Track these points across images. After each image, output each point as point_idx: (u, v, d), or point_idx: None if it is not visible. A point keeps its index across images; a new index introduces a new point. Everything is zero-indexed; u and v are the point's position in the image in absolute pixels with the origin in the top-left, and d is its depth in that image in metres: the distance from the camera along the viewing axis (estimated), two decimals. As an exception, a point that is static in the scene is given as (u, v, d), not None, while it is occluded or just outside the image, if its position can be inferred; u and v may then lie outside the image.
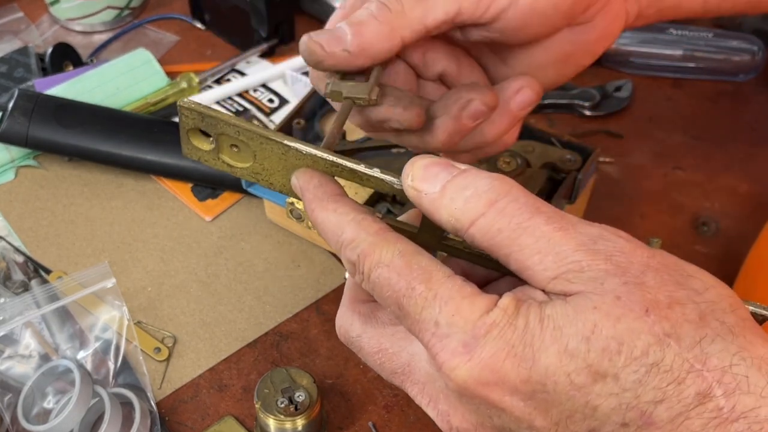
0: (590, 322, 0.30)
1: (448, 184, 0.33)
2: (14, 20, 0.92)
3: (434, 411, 0.35)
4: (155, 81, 0.81)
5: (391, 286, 0.33)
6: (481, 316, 0.31)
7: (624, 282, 0.30)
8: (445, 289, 0.32)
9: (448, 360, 0.31)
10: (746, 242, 0.62)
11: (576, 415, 0.30)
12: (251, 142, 0.38)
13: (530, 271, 0.32)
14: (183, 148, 0.40)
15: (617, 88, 0.81)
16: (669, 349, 0.29)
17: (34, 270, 0.67)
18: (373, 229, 0.34)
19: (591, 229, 0.32)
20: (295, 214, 0.63)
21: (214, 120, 0.38)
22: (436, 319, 0.32)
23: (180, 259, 0.68)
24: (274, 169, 0.39)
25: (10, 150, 0.75)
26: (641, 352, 0.29)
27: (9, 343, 0.60)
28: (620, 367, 0.29)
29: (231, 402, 0.59)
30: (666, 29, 0.83)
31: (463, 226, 0.33)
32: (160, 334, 0.63)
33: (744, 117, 0.80)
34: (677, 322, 0.29)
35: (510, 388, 0.31)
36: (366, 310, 0.38)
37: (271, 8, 0.83)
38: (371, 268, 0.34)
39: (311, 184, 0.37)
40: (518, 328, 0.30)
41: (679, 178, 0.74)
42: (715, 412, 0.29)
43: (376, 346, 0.37)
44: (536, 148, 0.64)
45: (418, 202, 0.34)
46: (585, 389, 0.30)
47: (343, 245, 0.35)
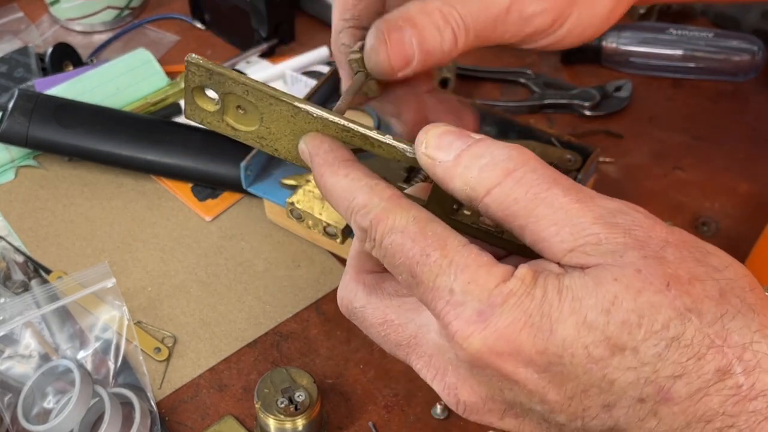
0: (611, 294, 0.29)
1: (463, 152, 0.33)
2: (14, 20, 0.92)
3: (441, 384, 0.34)
4: (155, 81, 0.81)
5: (404, 252, 0.32)
6: (497, 285, 0.30)
7: (644, 256, 0.30)
8: (461, 257, 0.31)
9: (462, 328, 0.30)
10: (746, 242, 0.62)
11: (591, 390, 0.30)
12: (259, 102, 0.37)
13: (546, 243, 0.31)
14: (186, 109, 0.39)
15: (617, 88, 0.81)
16: (690, 324, 0.29)
17: (34, 270, 0.67)
18: (386, 195, 0.34)
19: (610, 203, 0.31)
20: (295, 214, 0.63)
21: (222, 77, 0.36)
22: (450, 287, 0.31)
23: (180, 259, 0.68)
24: (280, 133, 0.38)
25: (10, 150, 0.75)
26: (662, 326, 0.29)
27: (9, 343, 0.60)
28: (640, 340, 0.29)
29: (231, 402, 0.59)
30: (666, 29, 0.83)
31: (478, 195, 0.32)
32: (160, 334, 0.63)
33: (744, 117, 0.80)
34: (698, 298, 0.29)
35: (525, 359, 0.30)
36: (371, 280, 0.37)
37: (271, 8, 0.83)
38: (384, 233, 0.33)
39: (321, 149, 0.36)
40: (536, 298, 0.30)
41: (679, 178, 0.74)
42: (735, 389, 0.28)
43: (381, 317, 0.36)
44: (536, 148, 0.64)
45: (431, 170, 0.34)
46: (603, 362, 0.29)
47: (354, 211, 0.34)
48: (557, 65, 0.85)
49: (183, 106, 0.39)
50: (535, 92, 0.81)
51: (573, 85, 0.81)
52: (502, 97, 0.82)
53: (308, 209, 0.61)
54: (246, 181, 0.67)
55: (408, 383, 0.59)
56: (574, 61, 0.85)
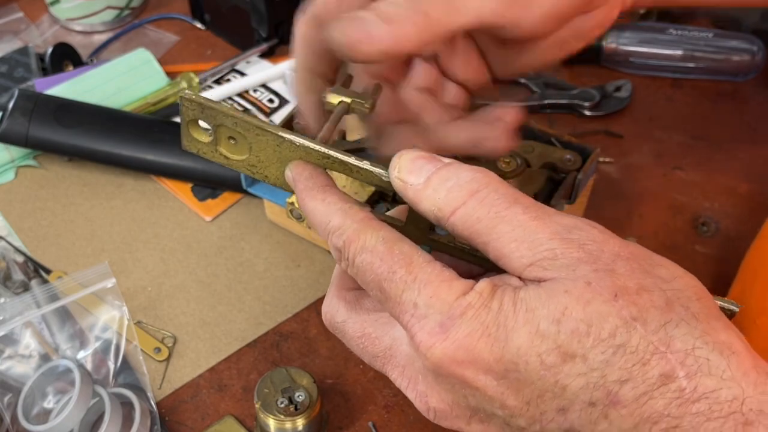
0: (561, 304, 0.31)
1: (432, 175, 0.35)
2: (14, 20, 0.92)
3: (413, 393, 0.36)
4: (155, 81, 0.81)
5: (373, 270, 0.34)
6: (457, 299, 0.32)
7: (595, 269, 0.31)
8: (425, 273, 0.33)
9: (425, 340, 0.32)
10: (746, 242, 0.62)
11: (546, 395, 0.31)
12: (247, 133, 0.39)
13: (507, 258, 0.33)
14: (183, 140, 0.41)
15: (617, 88, 0.81)
16: (635, 332, 0.30)
17: (34, 270, 0.67)
18: (358, 217, 0.36)
19: (566, 219, 0.33)
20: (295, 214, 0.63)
21: (213, 111, 0.39)
22: (414, 301, 0.33)
23: (180, 259, 0.68)
24: (269, 161, 0.40)
25: (10, 150, 0.75)
26: (609, 334, 0.30)
27: (9, 343, 0.60)
28: (588, 347, 0.30)
29: (231, 402, 0.59)
30: (666, 29, 0.83)
31: (444, 215, 0.34)
32: (160, 334, 0.63)
33: (744, 117, 0.80)
34: (644, 307, 0.31)
35: (483, 367, 0.32)
36: (351, 297, 0.39)
37: (271, 8, 0.83)
38: (355, 253, 0.35)
39: (302, 176, 0.39)
40: (492, 310, 0.32)
41: (679, 178, 0.74)
42: (678, 393, 0.30)
43: (359, 331, 0.38)
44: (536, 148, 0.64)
45: (403, 193, 0.36)
46: (555, 369, 0.31)
47: (330, 232, 0.36)
48: (557, 65, 0.85)
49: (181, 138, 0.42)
50: (535, 92, 0.81)
51: (573, 85, 0.81)
52: (502, 98, 0.82)
53: (308, 209, 0.61)
54: (246, 181, 0.67)
55: (408, 383, 0.59)
56: (574, 61, 0.84)
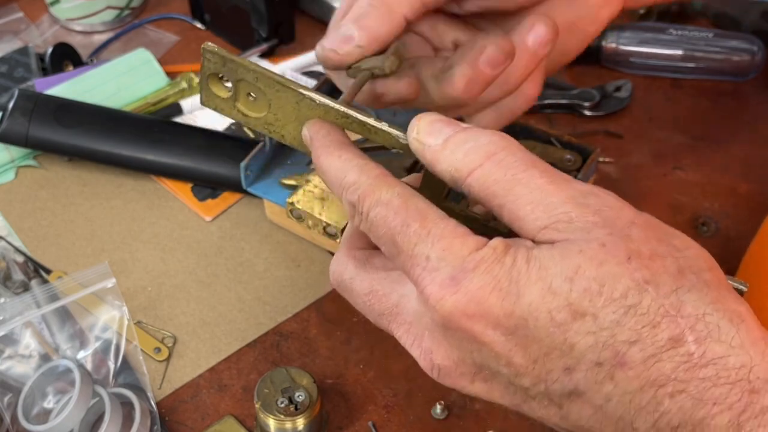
0: (574, 263, 0.31)
1: (450, 137, 0.35)
2: (14, 20, 0.92)
3: (418, 350, 0.36)
4: (155, 81, 0.81)
5: (387, 223, 0.35)
6: (470, 253, 0.32)
7: (609, 233, 0.32)
8: (438, 228, 0.34)
9: (436, 292, 0.33)
10: (746, 242, 0.62)
11: (554, 353, 0.31)
12: (268, 89, 0.39)
13: (522, 221, 0.33)
14: (201, 95, 0.42)
15: (617, 88, 0.81)
16: (647, 294, 0.30)
17: (34, 270, 0.67)
18: (374, 173, 0.36)
19: (582, 186, 0.33)
20: (295, 214, 0.63)
21: (235, 64, 0.39)
22: (427, 254, 0.33)
23: (180, 259, 0.68)
24: (287, 119, 0.40)
25: (10, 150, 0.75)
26: (620, 295, 0.30)
27: (9, 343, 0.60)
28: (599, 307, 0.30)
29: (231, 402, 0.59)
30: (666, 29, 0.83)
31: (461, 176, 0.34)
32: (160, 334, 0.63)
33: (744, 117, 0.80)
34: (657, 272, 0.31)
35: (493, 321, 0.32)
36: (361, 255, 0.40)
37: (271, 8, 0.83)
38: (370, 207, 0.35)
39: (320, 134, 0.39)
40: (505, 265, 0.32)
41: (679, 178, 0.74)
42: (686, 357, 0.30)
43: (367, 288, 0.38)
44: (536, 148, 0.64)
45: (421, 154, 0.36)
46: (564, 326, 0.31)
47: (345, 188, 0.36)
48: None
49: (199, 93, 0.43)
50: (535, 92, 0.81)
51: (573, 86, 0.81)
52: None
53: (308, 209, 0.62)
54: (246, 181, 0.67)
55: (408, 383, 0.59)
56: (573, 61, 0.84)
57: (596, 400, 0.31)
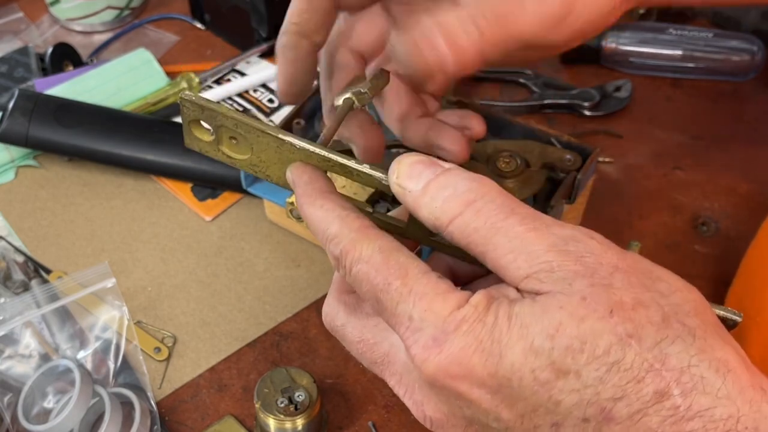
0: (555, 320, 0.31)
1: (430, 182, 0.35)
2: (14, 20, 0.92)
3: (410, 401, 0.36)
4: (155, 81, 0.81)
5: (369, 281, 0.34)
6: (452, 312, 0.32)
7: (591, 284, 0.31)
8: (420, 285, 0.33)
9: (420, 353, 0.32)
10: (746, 242, 0.62)
11: (540, 409, 0.31)
12: (248, 135, 0.39)
13: (504, 269, 0.33)
14: (185, 138, 0.41)
15: (617, 88, 0.81)
16: (630, 349, 0.30)
17: (34, 270, 0.67)
18: (355, 226, 0.36)
19: (564, 230, 0.33)
20: (295, 214, 0.63)
21: (213, 113, 0.39)
22: (410, 314, 0.33)
23: (180, 259, 0.68)
24: (270, 161, 0.40)
25: (10, 150, 0.75)
26: (603, 351, 0.30)
27: (9, 343, 0.60)
28: (582, 364, 0.30)
29: (231, 402, 0.59)
30: (666, 29, 0.83)
31: (442, 224, 0.34)
32: (160, 334, 0.63)
33: (744, 117, 0.80)
34: (640, 324, 0.30)
35: (477, 381, 0.32)
36: (351, 300, 0.39)
37: (271, 8, 0.83)
38: (352, 263, 0.35)
39: (302, 180, 0.39)
40: (487, 325, 0.32)
41: (679, 178, 0.74)
42: (672, 410, 0.30)
43: (358, 336, 0.38)
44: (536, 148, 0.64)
45: (402, 198, 0.36)
46: (548, 385, 0.31)
47: (328, 240, 0.36)
48: (557, 65, 0.85)
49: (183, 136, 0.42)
50: (534, 92, 0.81)
51: (573, 86, 0.81)
52: (502, 97, 0.82)
53: (308, 209, 0.61)
54: (246, 181, 0.67)
55: (408, 383, 0.59)
56: (573, 61, 0.85)
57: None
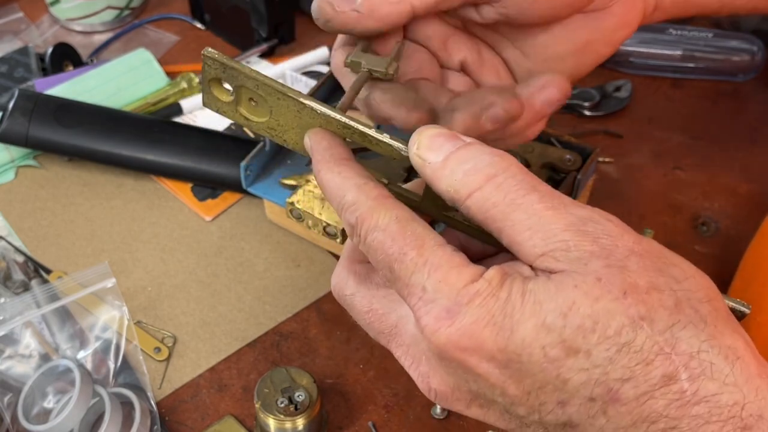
0: (569, 299, 0.31)
1: (451, 155, 0.35)
2: (14, 20, 0.92)
3: (416, 372, 0.36)
4: (155, 81, 0.81)
5: (384, 249, 0.34)
6: (466, 285, 0.32)
7: (607, 264, 0.31)
8: (435, 257, 0.33)
9: (431, 324, 0.32)
10: (745, 242, 0.62)
11: (547, 387, 0.31)
12: (269, 97, 0.39)
13: (520, 246, 0.33)
14: (203, 97, 0.41)
15: (617, 88, 0.81)
16: (641, 331, 0.30)
17: (34, 270, 0.67)
18: (373, 194, 0.36)
19: (582, 211, 0.33)
20: (295, 214, 0.63)
21: (235, 72, 0.38)
22: (423, 284, 0.33)
23: (180, 259, 0.68)
24: (288, 125, 0.40)
25: (10, 150, 0.75)
26: (614, 332, 0.30)
27: (9, 342, 0.60)
28: (593, 344, 0.30)
29: (231, 402, 0.59)
30: (665, 29, 0.83)
31: (460, 198, 0.34)
32: (160, 334, 0.63)
33: (744, 117, 0.80)
34: (653, 307, 0.31)
35: (487, 355, 0.32)
36: (362, 270, 0.39)
37: (271, 8, 0.83)
38: (368, 231, 0.35)
39: (321, 146, 0.38)
40: (500, 299, 0.32)
41: (679, 178, 0.74)
42: (679, 394, 0.30)
43: (367, 305, 0.38)
44: (536, 148, 0.64)
45: (421, 170, 0.35)
46: (558, 362, 0.31)
47: (344, 207, 0.36)
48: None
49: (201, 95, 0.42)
50: (534, 92, 0.81)
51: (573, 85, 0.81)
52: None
53: (308, 209, 0.62)
54: (246, 181, 0.67)
55: (408, 383, 0.59)
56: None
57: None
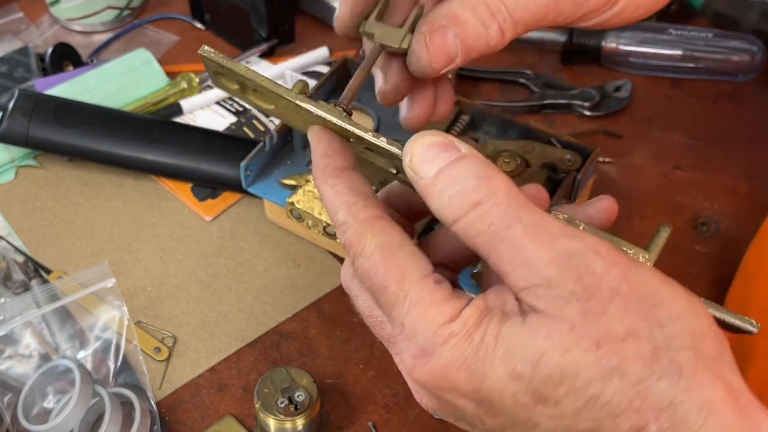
0: (540, 348, 0.31)
1: (441, 172, 0.34)
2: (14, 20, 0.92)
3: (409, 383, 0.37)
4: (155, 81, 0.81)
5: (369, 278, 0.35)
6: (442, 325, 0.33)
7: (584, 311, 0.31)
8: (415, 291, 0.34)
9: (409, 361, 0.33)
10: (745, 242, 0.62)
11: (519, 426, 0.32)
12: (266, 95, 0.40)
13: (506, 276, 0.33)
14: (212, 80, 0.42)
15: (617, 88, 0.81)
16: (610, 384, 0.30)
17: (34, 270, 0.67)
18: (361, 217, 0.36)
19: (569, 243, 0.32)
20: (295, 214, 0.63)
21: (232, 72, 0.40)
22: (402, 320, 0.34)
23: (180, 259, 0.68)
24: (292, 117, 0.41)
25: (10, 150, 0.75)
26: (583, 384, 0.30)
27: (9, 342, 0.60)
28: (561, 395, 0.31)
29: (231, 402, 0.59)
30: (666, 29, 0.83)
31: (447, 222, 0.34)
32: (160, 334, 0.63)
33: (744, 117, 0.80)
34: (626, 358, 0.30)
35: (462, 393, 0.33)
36: None
37: (271, 8, 0.83)
38: (354, 256, 0.35)
39: (318, 150, 0.38)
40: (474, 342, 0.32)
41: (679, 178, 0.74)
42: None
43: (368, 310, 0.38)
44: (536, 148, 0.64)
45: (414, 183, 0.35)
46: (528, 408, 0.31)
47: (337, 225, 0.37)
48: (557, 65, 0.85)
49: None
50: (534, 92, 0.81)
51: (572, 86, 0.81)
52: (502, 97, 0.82)
53: (308, 209, 0.62)
54: (246, 181, 0.67)
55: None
56: (573, 61, 0.85)
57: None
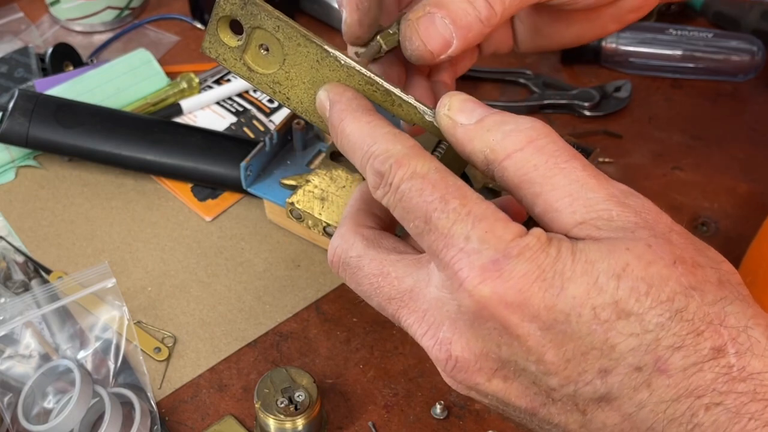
0: (623, 260, 0.30)
1: (487, 117, 0.34)
2: (14, 20, 0.92)
3: (432, 340, 0.33)
4: (155, 81, 0.81)
5: (423, 197, 0.32)
6: (514, 238, 0.31)
7: (653, 235, 0.31)
8: (480, 209, 0.32)
9: (474, 276, 0.31)
10: (746, 242, 0.62)
11: (592, 353, 0.30)
12: (287, 42, 0.36)
13: (557, 213, 0.32)
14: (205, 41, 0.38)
15: (616, 88, 0.81)
16: (692, 300, 0.29)
17: (34, 270, 0.67)
18: (409, 143, 0.34)
19: (623, 186, 0.32)
20: (295, 214, 0.63)
21: (257, 8, 0.35)
22: (467, 234, 0.31)
23: (180, 259, 0.68)
24: (298, 79, 0.37)
25: (10, 150, 0.75)
26: (668, 298, 0.29)
27: (9, 343, 0.60)
28: (646, 308, 0.29)
29: (231, 402, 0.59)
30: (666, 29, 0.83)
31: (497, 158, 0.33)
32: (160, 334, 0.63)
33: (744, 117, 0.80)
34: (701, 279, 0.30)
35: (532, 313, 0.30)
36: (370, 234, 0.37)
37: (271, 8, 0.83)
38: (404, 178, 0.33)
39: (344, 96, 0.36)
40: (551, 255, 0.30)
41: (679, 178, 0.74)
42: (726, 369, 0.29)
43: (377, 269, 0.35)
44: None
45: (451, 131, 0.34)
46: (608, 324, 0.29)
47: (374, 155, 0.34)
48: (556, 65, 0.85)
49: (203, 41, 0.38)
50: (534, 92, 0.81)
51: (572, 86, 0.81)
52: (502, 98, 0.82)
53: (308, 209, 0.62)
54: (246, 181, 0.67)
55: (408, 383, 0.59)
56: (573, 61, 0.85)
57: (627, 408, 0.30)
